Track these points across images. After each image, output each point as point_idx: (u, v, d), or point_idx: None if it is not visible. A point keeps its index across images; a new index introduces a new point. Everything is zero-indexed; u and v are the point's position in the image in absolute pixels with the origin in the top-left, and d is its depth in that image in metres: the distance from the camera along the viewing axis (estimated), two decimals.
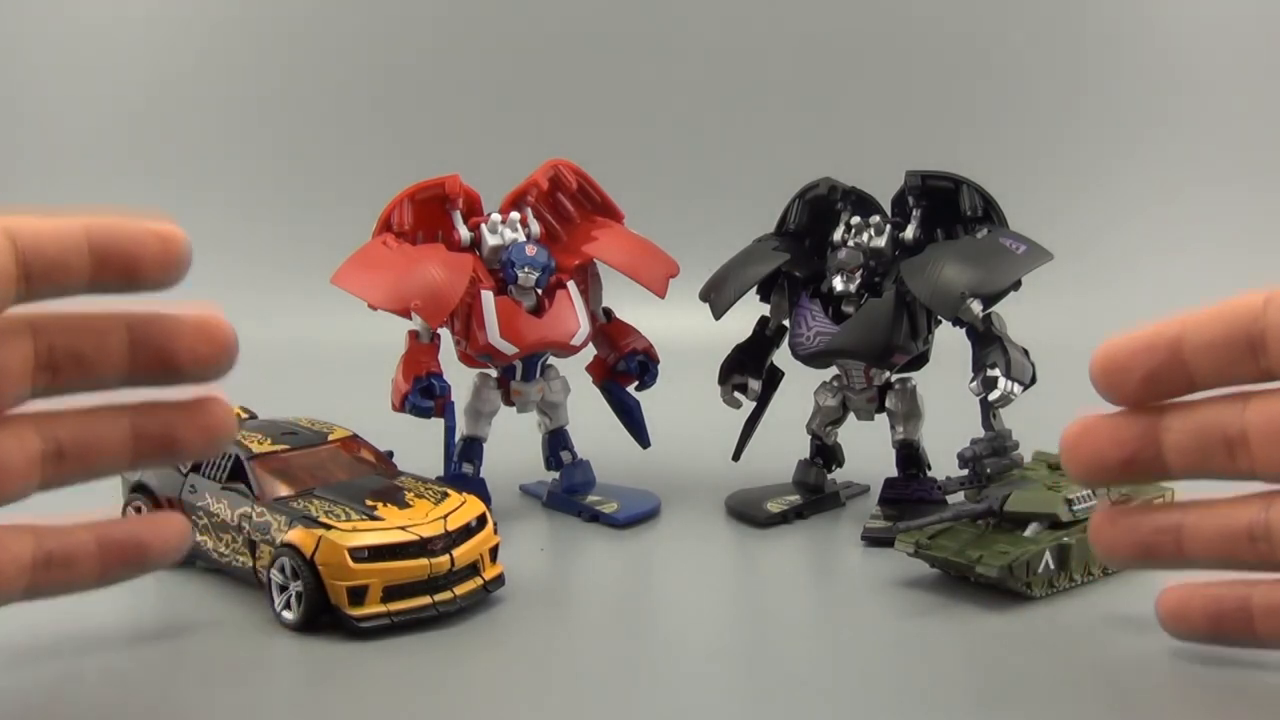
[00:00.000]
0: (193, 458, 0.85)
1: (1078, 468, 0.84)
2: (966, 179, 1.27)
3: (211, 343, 0.81)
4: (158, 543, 0.88)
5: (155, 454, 0.84)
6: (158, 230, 0.78)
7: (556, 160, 1.37)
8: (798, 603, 1.16)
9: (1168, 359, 0.78)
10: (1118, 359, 0.80)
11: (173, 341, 0.80)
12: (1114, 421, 0.82)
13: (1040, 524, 1.11)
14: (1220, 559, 0.83)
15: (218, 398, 0.85)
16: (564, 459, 1.41)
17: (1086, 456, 0.83)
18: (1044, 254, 1.20)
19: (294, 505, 1.08)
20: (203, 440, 0.84)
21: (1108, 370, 0.80)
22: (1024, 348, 1.23)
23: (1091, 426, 0.83)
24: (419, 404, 1.26)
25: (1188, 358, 0.78)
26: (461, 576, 1.07)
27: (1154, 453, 0.81)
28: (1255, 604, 0.85)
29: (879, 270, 1.30)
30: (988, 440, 1.18)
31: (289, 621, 1.04)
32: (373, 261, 1.26)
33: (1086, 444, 0.83)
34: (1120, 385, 0.80)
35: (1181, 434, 0.80)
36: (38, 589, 0.84)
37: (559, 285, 1.31)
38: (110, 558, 0.85)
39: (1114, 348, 0.80)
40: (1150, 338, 0.79)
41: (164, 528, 0.89)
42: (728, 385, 1.38)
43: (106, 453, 0.82)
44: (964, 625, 1.05)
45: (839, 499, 1.41)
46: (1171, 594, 0.91)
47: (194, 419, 0.84)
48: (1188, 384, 0.79)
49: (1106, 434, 0.82)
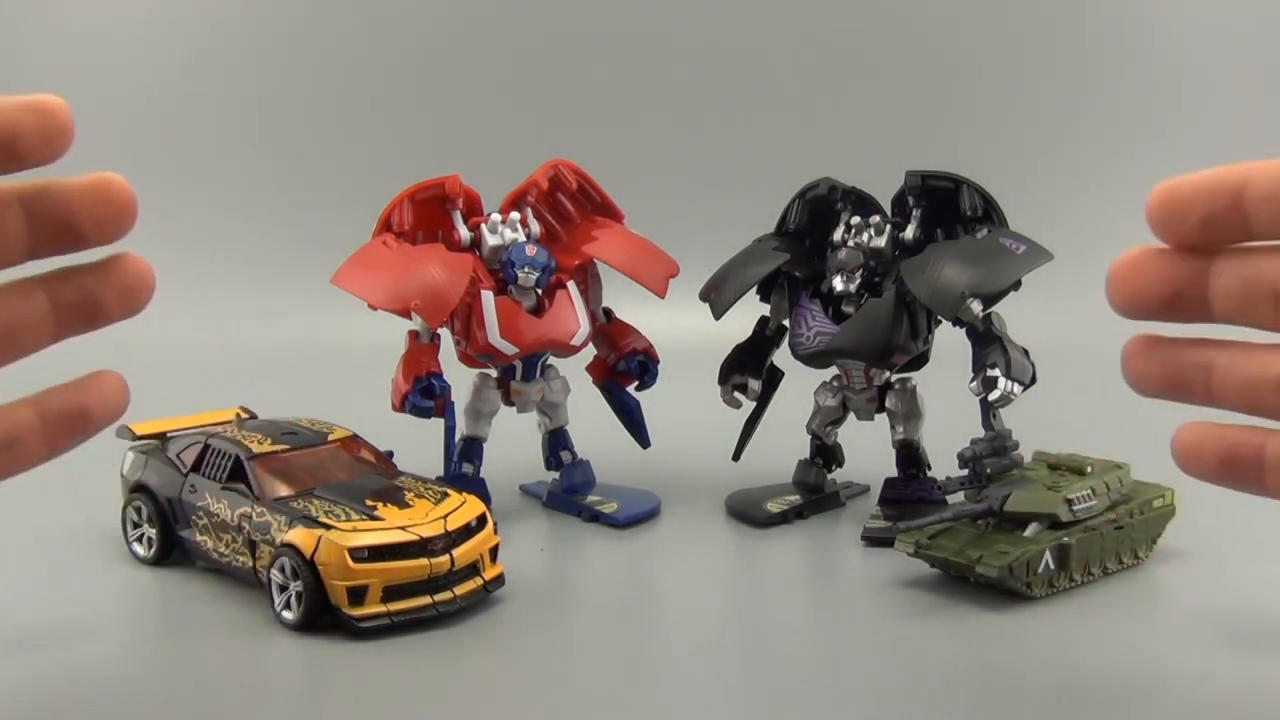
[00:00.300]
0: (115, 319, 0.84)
1: (1121, 298, 0.80)
2: (966, 179, 1.27)
3: (109, 202, 0.80)
4: (99, 404, 0.86)
5: (77, 322, 0.83)
6: (30, 102, 0.77)
7: (556, 160, 1.37)
8: (798, 603, 1.16)
9: (1229, 204, 0.76)
10: (1178, 197, 0.78)
11: (69, 206, 0.79)
12: (1166, 257, 0.80)
13: (1040, 524, 1.11)
14: (1245, 405, 0.81)
15: (131, 254, 0.83)
16: (564, 459, 1.41)
17: (1131, 286, 0.80)
18: (1044, 254, 1.20)
19: (294, 505, 1.08)
20: (122, 300, 0.83)
21: (1167, 207, 0.78)
22: (1024, 348, 1.22)
23: (1141, 258, 0.80)
24: (419, 404, 1.26)
25: (1248, 206, 0.77)
26: (461, 576, 1.07)
27: (1200, 293, 0.79)
28: (1269, 454, 0.84)
29: (879, 270, 1.30)
30: (988, 440, 1.18)
31: (289, 621, 1.04)
32: (373, 261, 1.26)
33: (1133, 275, 0.80)
34: (1177, 225, 0.78)
35: (1231, 278, 0.78)
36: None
37: (559, 285, 1.31)
38: (54, 429, 0.84)
39: (1176, 185, 0.78)
40: (1214, 180, 0.77)
41: (102, 386, 0.87)
42: (728, 385, 1.38)
43: (28, 329, 0.81)
44: (964, 625, 1.05)
45: (839, 499, 1.41)
46: (1188, 430, 0.89)
47: (110, 279, 0.83)
48: (1244, 233, 0.77)
49: (1155, 267, 0.80)
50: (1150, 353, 0.85)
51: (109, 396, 0.87)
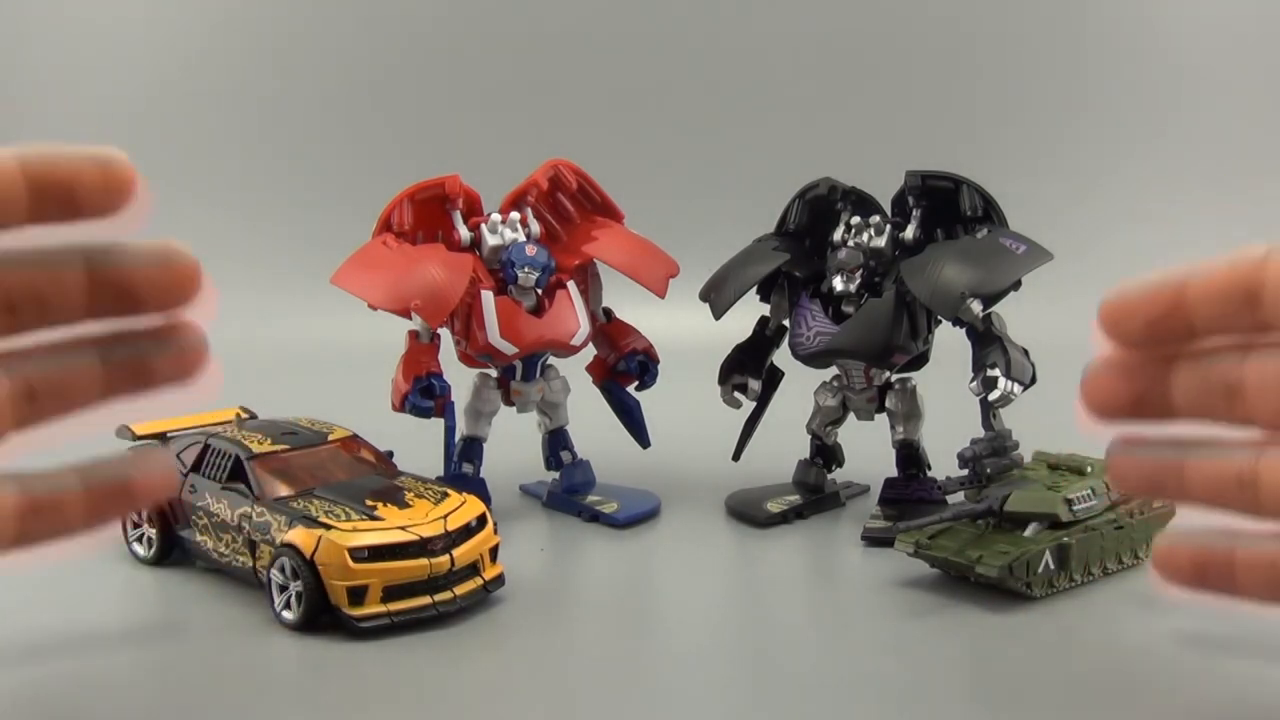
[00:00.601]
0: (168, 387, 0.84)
1: (1091, 403, 0.85)
2: (966, 179, 1.27)
3: (173, 270, 0.80)
4: (145, 480, 0.87)
5: (129, 385, 0.83)
6: (96, 154, 0.77)
7: (556, 160, 1.37)
8: (798, 603, 1.16)
9: (1170, 306, 0.81)
10: (1123, 304, 0.82)
11: (133, 271, 0.79)
12: (1127, 362, 0.84)
13: (1040, 524, 1.11)
14: (1213, 500, 0.85)
15: (191, 323, 0.84)
16: (564, 459, 1.41)
17: (1100, 395, 0.84)
18: (1044, 254, 1.20)
19: (294, 505, 1.08)
20: (177, 367, 0.83)
21: (1112, 315, 0.82)
22: (1024, 348, 1.23)
23: (1105, 368, 0.84)
24: (419, 404, 1.26)
25: (1190, 305, 0.80)
26: (461, 576, 1.07)
27: (1162, 392, 0.83)
28: (1238, 559, 0.87)
29: (879, 270, 1.30)
30: (988, 440, 1.18)
31: (289, 621, 1.03)
32: (373, 261, 1.26)
33: (1100, 381, 0.84)
34: (1123, 329, 0.82)
35: (1188, 378, 0.82)
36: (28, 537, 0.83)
37: (559, 285, 1.31)
38: (98, 499, 0.84)
39: (1120, 293, 0.83)
40: (1155, 284, 0.81)
41: (150, 463, 0.88)
42: (728, 385, 1.38)
43: (79, 387, 0.81)
44: (964, 625, 1.04)
45: (839, 499, 1.41)
46: (1162, 543, 0.93)
47: (166, 345, 0.83)
48: (1188, 331, 0.81)
49: (1120, 374, 0.84)
50: (1127, 455, 0.89)
51: (156, 474, 0.88)
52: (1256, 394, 0.81)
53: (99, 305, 0.81)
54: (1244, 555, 0.87)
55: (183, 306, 0.82)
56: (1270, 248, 0.78)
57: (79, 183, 0.76)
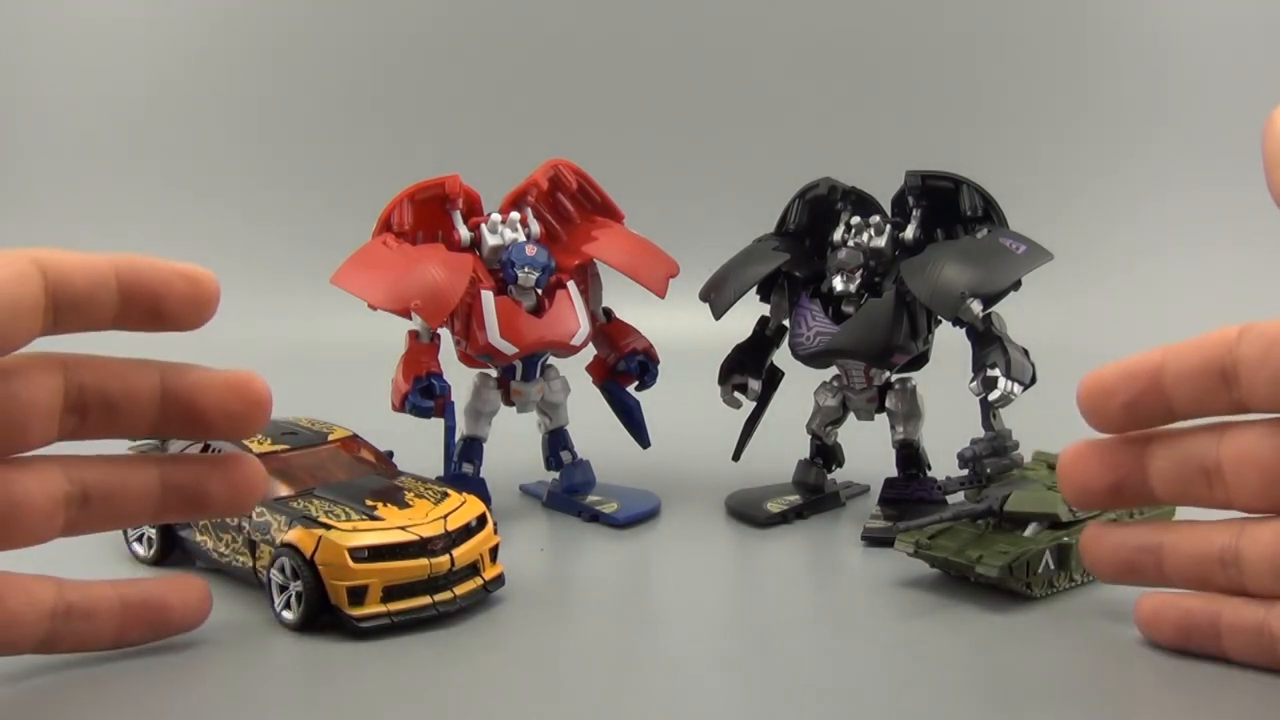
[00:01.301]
0: (220, 515, 0.87)
1: (1070, 490, 0.90)
2: (966, 179, 1.27)
3: (244, 400, 0.83)
4: (180, 605, 0.89)
5: (182, 507, 0.85)
6: (185, 271, 0.79)
7: (556, 160, 1.37)
8: (798, 603, 1.16)
9: (1148, 387, 0.82)
10: (1101, 386, 0.85)
11: (205, 395, 0.82)
12: (1104, 447, 0.87)
13: (1040, 524, 1.11)
14: (1194, 581, 0.88)
15: (250, 457, 0.86)
16: (564, 459, 1.41)
17: (1078, 480, 0.89)
18: (1044, 254, 1.20)
19: (294, 505, 1.08)
20: (231, 497, 0.86)
21: (1092, 396, 0.85)
22: (1024, 348, 1.23)
23: (1083, 452, 0.89)
24: (419, 404, 1.26)
25: (1167, 387, 0.82)
26: (461, 576, 1.07)
27: (1140, 478, 0.85)
28: (1223, 622, 0.89)
29: (879, 270, 1.30)
30: (988, 440, 1.18)
31: (289, 621, 1.04)
32: (373, 261, 1.26)
33: (1078, 468, 0.89)
34: (1103, 411, 0.85)
35: (1165, 461, 0.84)
36: (54, 640, 0.84)
37: (559, 285, 1.31)
38: (131, 616, 0.86)
39: (1098, 375, 0.86)
40: (1133, 367, 0.83)
41: (187, 590, 0.90)
42: (728, 385, 1.38)
43: (132, 501, 0.83)
44: (964, 625, 1.04)
45: (839, 499, 1.41)
46: (1147, 602, 0.95)
47: (224, 475, 0.85)
48: (1167, 412, 0.83)
49: (1096, 459, 0.87)
50: (1103, 542, 0.90)
51: (192, 601, 0.90)
52: (1233, 474, 0.82)
53: (167, 421, 0.82)
54: (1229, 620, 0.88)
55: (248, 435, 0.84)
56: (1243, 329, 0.79)
57: (167, 295, 0.78)
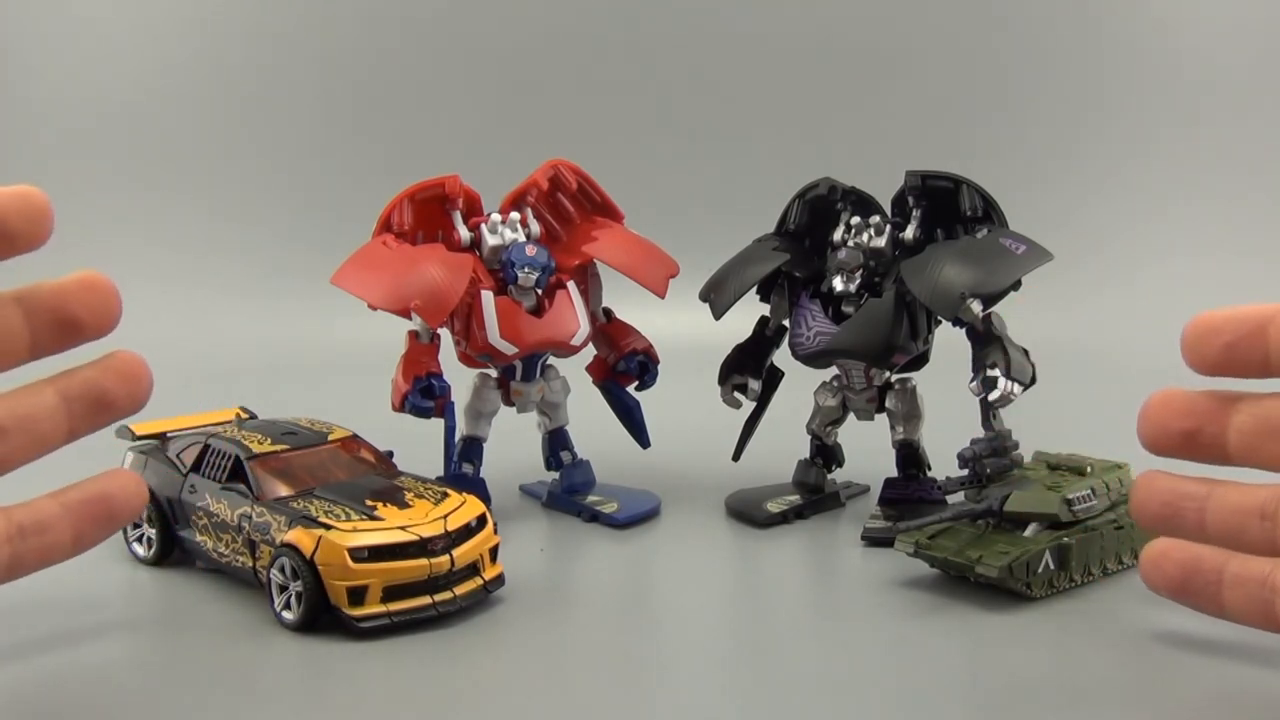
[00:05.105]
0: (125, 412, 0.86)
1: (1146, 433, 0.87)
2: (966, 179, 1.27)
3: (101, 294, 0.83)
4: (119, 492, 0.88)
5: (89, 415, 0.85)
6: (16, 191, 0.79)
7: (556, 160, 1.37)
8: (798, 603, 1.16)
9: (1254, 331, 0.82)
10: (1209, 324, 0.84)
11: (65, 304, 0.82)
12: (1191, 396, 0.87)
13: (1040, 524, 1.11)
14: (1229, 531, 0.86)
15: (124, 350, 0.86)
16: (564, 459, 1.41)
17: (1159, 420, 0.86)
18: (1044, 254, 1.20)
19: (294, 505, 1.08)
20: (129, 390, 0.85)
21: (1197, 333, 0.84)
22: (1024, 348, 1.23)
23: (1170, 396, 0.86)
24: (419, 404, 1.26)
25: (1271, 337, 0.81)
26: (461, 576, 1.07)
27: (1218, 429, 0.85)
28: (1229, 571, 0.89)
29: (879, 270, 1.30)
30: (988, 440, 1.18)
31: (289, 621, 1.04)
32: (372, 261, 1.26)
33: (1159, 411, 0.86)
34: (1204, 349, 0.84)
35: (1247, 416, 0.84)
36: (18, 563, 0.84)
37: (559, 285, 1.31)
38: (79, 517, 0.86)
39: (1207, 314, 0.86)
40: (1243, 311, 0.84)
41: (120, 477, 0.89)
42: (728, 385, 1.38)
43: (44, 423, 0.83)
44: (964, 625, 1.05)
45: (839, 499, 1.41)
46: (1158, 543, 0.94)
47: (112, 372, 0.85)
48: (1263, 362, 0.83)
49: (1180, 405, 0.86)
50: (1155, 482, 0.90)
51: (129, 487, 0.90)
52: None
53: (40, 341, 0.83)
54: (1235, 569, 0.88)
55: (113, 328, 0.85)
56: None
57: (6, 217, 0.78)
